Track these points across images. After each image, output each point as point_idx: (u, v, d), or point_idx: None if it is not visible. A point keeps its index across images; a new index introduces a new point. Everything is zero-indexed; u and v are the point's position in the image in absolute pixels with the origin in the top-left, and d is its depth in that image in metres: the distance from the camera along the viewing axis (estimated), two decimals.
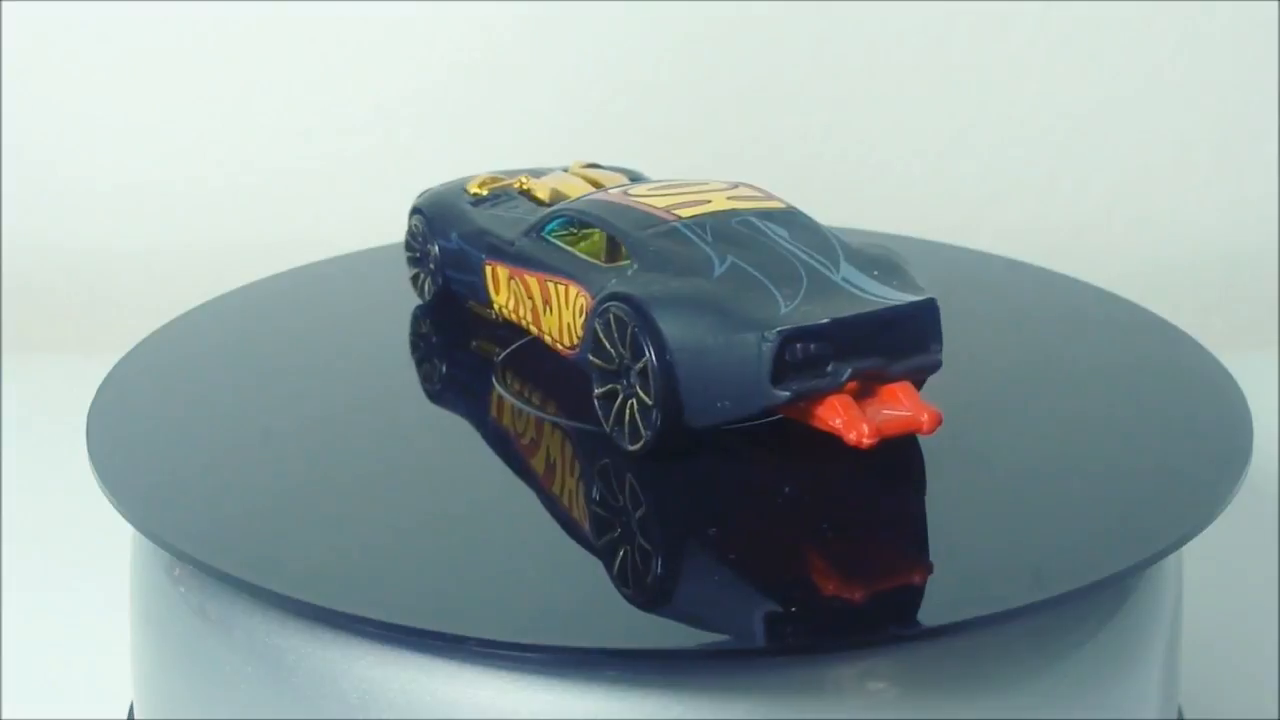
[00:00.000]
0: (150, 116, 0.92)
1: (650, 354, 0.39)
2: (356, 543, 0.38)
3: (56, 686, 0.56)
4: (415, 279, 0.53)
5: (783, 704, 0.35)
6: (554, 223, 0.46)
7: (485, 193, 0.51)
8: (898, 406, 0.39)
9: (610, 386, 0.41)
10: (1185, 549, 0.39)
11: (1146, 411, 0.46)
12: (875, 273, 0.41)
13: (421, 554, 0.38)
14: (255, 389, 0.47)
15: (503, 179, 0.52)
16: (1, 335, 0.87)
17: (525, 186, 0.51)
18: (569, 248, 0.44)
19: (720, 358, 0.39)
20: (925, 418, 0.39)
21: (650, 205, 0.43)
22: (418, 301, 0.53)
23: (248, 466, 0.42)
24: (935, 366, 0.40)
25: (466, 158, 0.91)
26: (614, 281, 0.41)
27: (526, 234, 0.46)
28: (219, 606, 0.38)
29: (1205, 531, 0.38)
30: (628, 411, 0.40)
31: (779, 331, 0.38)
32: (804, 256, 0.41)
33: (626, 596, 0.36)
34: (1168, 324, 0.51)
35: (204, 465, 0.42)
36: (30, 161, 0.92)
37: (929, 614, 0.35)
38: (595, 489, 0.40)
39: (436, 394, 0.48)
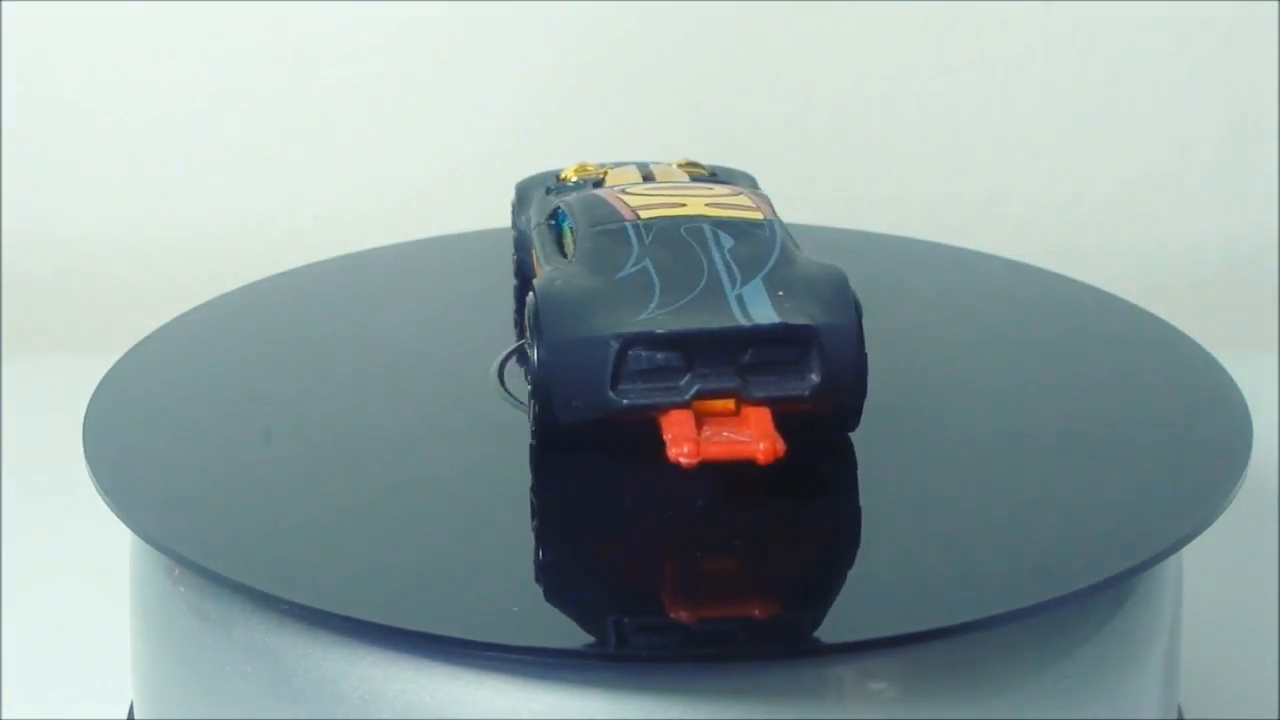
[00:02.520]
0: (152, 108, 0.92)
1: (534, 346, 0.39)
2: (357, 545, 0.38)
3: (56, 686, 0.56)
4: (513, 257, 0.53)
5: (782, 704, 0.35)
6: (560, 212, 0.46)
7: (573, 180, 0.51)
8: (741, 431, 0.38)
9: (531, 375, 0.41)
10: (1185, 549, 0.39)
11: (1146, 412, 0.46)
12: (780, 293, 0.39)
13: (422, 556, 0.38)
14: (256, 390, 0.47)
15: (592, 168, 0.52)
16: (1, 333, 0.87)
17: (601, 175, 0.51)
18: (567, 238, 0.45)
19: (579, 357, 0.38)
20: (761, 447, 0.37)
21: (625, 203, 0.43)
22: (426, 302, 0.53)
23: (247, 469, 0.42)
24: (806, 396, 0.38)
25: (476, 153, 0.92)
26: (546, 272, 0.41)
27: (542, 221, 0.47)
28: (219, 607, 0.38)
29: (1205, 532, 0.38)
30: (531, 401, 0.40)
31: (617, 336, 0.38)
32: (720, 267, 0.40)
33: (628, 599, 0.36)
34: (1165, 324, 0.51)
35: (203, 467, 0.42)
36: (28, 155, 0.92)
37: (929, 614, 0.35)
38: (597, 492, 0.40)
39: (444, 394, 0.47)
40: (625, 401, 0.38)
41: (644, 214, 0.42)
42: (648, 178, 0.49)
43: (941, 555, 0.37)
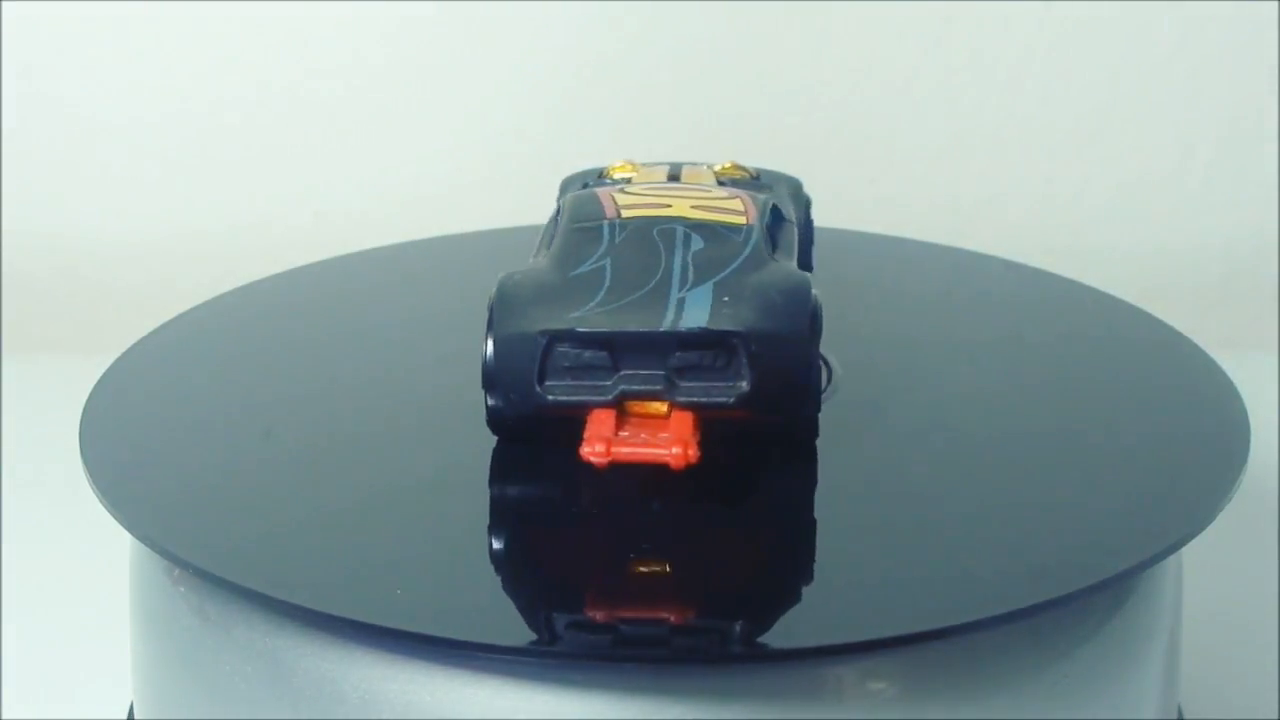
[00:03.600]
0: (152, 109, 0.92)
1: (486, 338, 0.39)
2: (356, 546, 0.38)
3: (56, 686, 0.56)
4: None
5: (782, 705, 0.35)
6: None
7: (614, 176, 0.50)
8: (660, 434, 0.37)
9: None
10: (1185, 549, 0.39)
11: (1144, 413, 0.46)
12: (726, 298, 0.39)
13: (421, 557, 0.38)
14: (254, 390, 0.47)
15: (634, 166, 0.52)
16: (1, 333, 0.87)
17: (632, 173, 0.51)
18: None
19: (515, 351, 0.39)
20: (674, 452, 0.37)
21: (614, 201, 0.43)
22: (426, 302, 0.53)
23: (245, 469, 0.42)
24: (732, 403, 0.38)
25: (476, 153, 0.92)
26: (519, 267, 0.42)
27: (553, 215, 0.47)
28: (219, 606, 0.38)
29: (1205, 532, 0.38)
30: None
31: (543, 332, 0.38)
32: (676, 269, 0.40)
33: (625, 601, 0.36)
34: (1164, 325, 0.51)
35: (200, 468, 0.42)
36: (28, 155, 0.92)
37: (929, 615, 0.35)
38: (597, 493, 0.40)
39: (443, 394, 0.47)
40: (550, 397, 0.38)
41: (625, 213, 0.42)
42: (673, 178, 0.49)
43: (941, 555, 0.37)
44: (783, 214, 0.46)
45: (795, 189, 0.51)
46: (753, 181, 0.50)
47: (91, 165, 0.92)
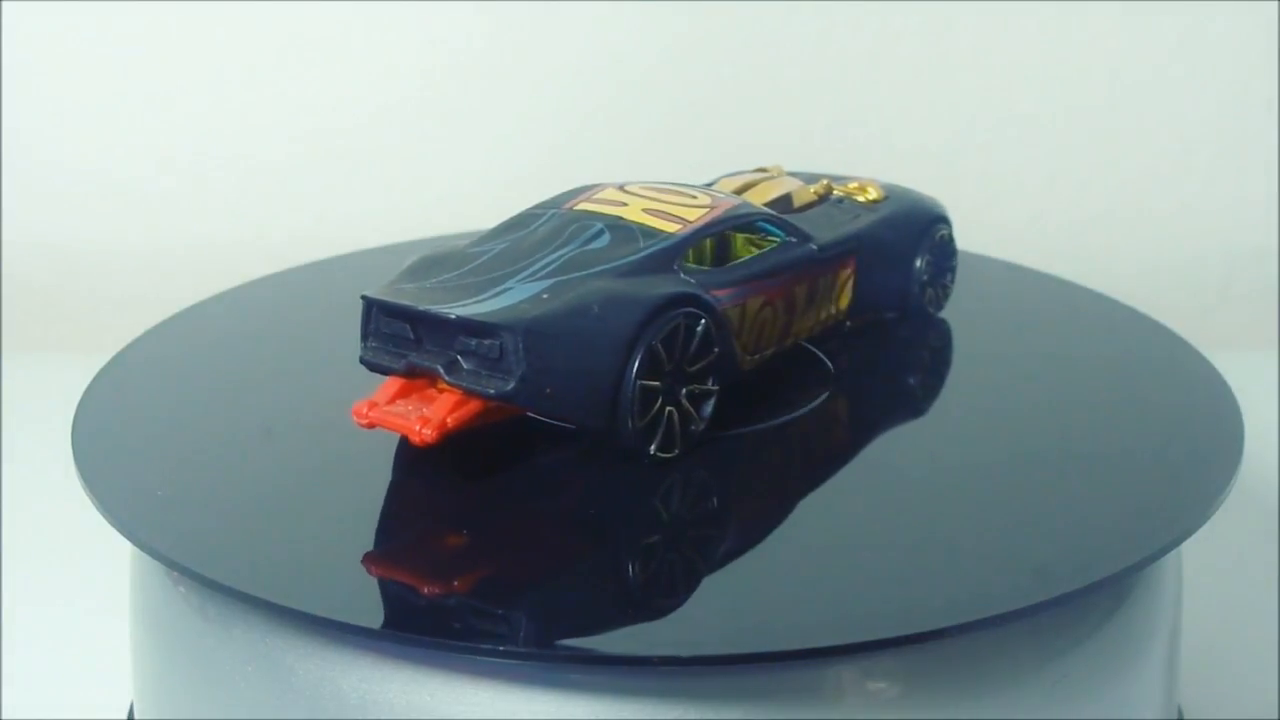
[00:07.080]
0: (150, 113, 0.92)
1: None
2: (353, 548, 0.38)
3: (56, 686, 0.56)
4: None
5: (783, 704, 0.35)
6: None
7: (763, 174, 0.51)
8: (421, 407, 0.40)
9: None
10: (1185, 549, 0.39)
11: (1141, 413, 0.46)
12: (545, 295, 0.40)
13: (419, 559, 0.38)
14: (248, 392, 0.47)
15: (773, 169, 0.52)
16: (1, 333, 0.87)
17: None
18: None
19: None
20: (417, 428, 0.39)
21: (586, 195, 0.44)
22: None
23: (240, 471, 0.42)
24: (488, 394, 0.38)
25: (476, 157, 0.92)
26: None
27: None
28: (218, 606, 0.38)
29: (1205, 532, 0.38)
30: None
31: (362, 296, 0.41)
32: (547, 261, 0.41)
33: (624, 601, 0.36)
34: (1161, 326, 0.51)
35: (195, 470, 0.42)
36: (27, 157, 0.92)
37: (929, 614, 0.35)
38: (599, 495, 0.40)
39: None
40: (364, 357, 0.41)
41: (578, 206, 0.44)
42: (741, 189, 0.49)
43: (941, 555, 0.37)
44: (804, 236, 0.46)
45: (902, 214, 0.50)
46: (856, 204, 0.50)
47: (89, 170, 0.92)
